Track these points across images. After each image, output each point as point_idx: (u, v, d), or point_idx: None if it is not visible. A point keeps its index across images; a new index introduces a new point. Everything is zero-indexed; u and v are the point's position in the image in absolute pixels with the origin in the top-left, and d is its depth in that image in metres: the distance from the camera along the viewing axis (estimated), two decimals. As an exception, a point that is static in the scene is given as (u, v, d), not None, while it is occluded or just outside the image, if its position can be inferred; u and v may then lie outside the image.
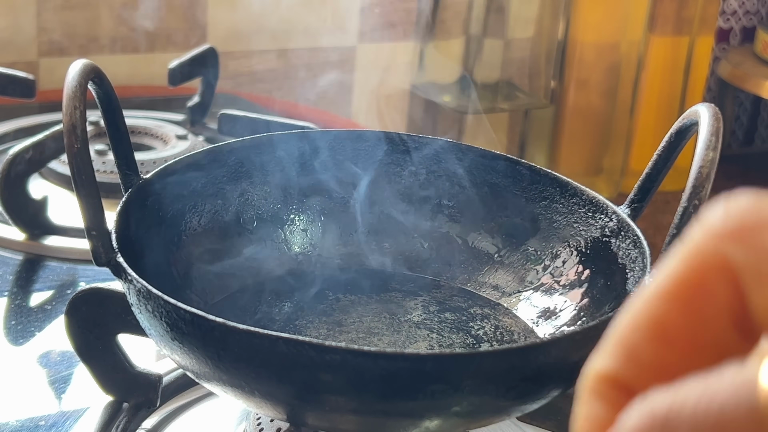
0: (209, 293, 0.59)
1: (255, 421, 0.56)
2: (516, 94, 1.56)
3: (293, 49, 1.34)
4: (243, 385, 0.46)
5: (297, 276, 0.62)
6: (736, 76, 1.73)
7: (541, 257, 0.61)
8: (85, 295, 0.57)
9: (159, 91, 1.17)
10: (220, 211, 0.61)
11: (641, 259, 0.53)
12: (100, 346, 0.57)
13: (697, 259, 0.22)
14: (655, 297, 0.22)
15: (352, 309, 0.60)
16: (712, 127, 0.50)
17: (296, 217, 0.64)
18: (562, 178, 0.61)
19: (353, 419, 0.47)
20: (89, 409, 0.60)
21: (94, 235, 0.50)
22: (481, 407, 0.47)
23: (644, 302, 0.23)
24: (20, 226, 0.80)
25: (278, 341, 0.43)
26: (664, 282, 0.22)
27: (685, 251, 0.22)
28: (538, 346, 0.47)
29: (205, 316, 0.44)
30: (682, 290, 0.22)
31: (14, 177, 0.79)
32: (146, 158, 0.93)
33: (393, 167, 0.65)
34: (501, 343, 0.58)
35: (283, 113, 1.08)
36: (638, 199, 0.57)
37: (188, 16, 1.27)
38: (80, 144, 0.49)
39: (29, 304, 0.73)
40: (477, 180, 0.64)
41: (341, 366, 0.43)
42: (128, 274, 0.48)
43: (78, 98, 0.49)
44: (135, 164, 0.57)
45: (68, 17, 1.20)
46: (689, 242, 0.22)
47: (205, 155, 0.61)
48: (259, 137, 0.63)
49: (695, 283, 0.22)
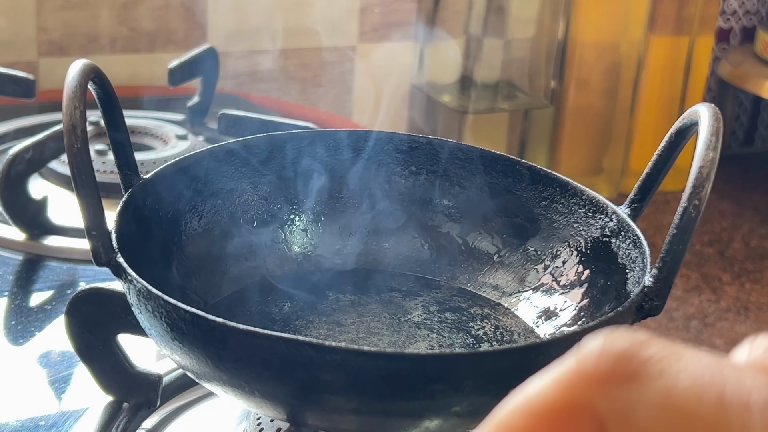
0: (209, 293, 0.59)
1: (255, 421, 0.56)
2: (516, 94, 1.56)
3: (293, 49, 1.34)
4: (243, 385, 0.46)
5: (297, 276, 0.62)
6: (736, 76, 1.73)
7: (541, 257, 0.61)
8: (85, 295, 0.57)
9: (159, 91, 1.17)
10: (220, 211, 0.61)
11: (641, 259, 0.53)
12: (100, 346, 0.57)
13: (567, 393, 0.22)
14: (525, 412, 0.22)
15: (352, 309, 0.60)
16: (712, 127, 0.50)
17: (296, 217, 0.64)
18: (562, 178, 0.61)
19: (353, 419, 0.47)
20: (89, 409, 0.60)
21: (94, 235, 0.50)
22: (481, 407, 0.47)
23: (514, 412, 0.22)
24: (20, 226, 0.80)
25: (278, 341, 0.43)
26: (535, 400, 0.22)
27: (558, 378, 0.22)
28: (538, 346, 0.47)
29: (205, 316, 0.44)
30: (552, 416, 0.22)
31: (14, 177, 0.79)
32: (146, 158, 0.93)
33: (393, 167, 0.65)
34: (501, 343, 0.58)
35: (283, 113, 1.08)
36: (638, 199, 0.57)
37: (188, 16, 1.27)
38: (80, 144, 0.49)
39: (29, 304, 0.73)
40: (477, 180, 0.64)
41: (341, 366, 0.43)
42: (128, 274, 0.48)
43: (78, 98, 0.49)
44: (135, 164, 0.57)
45: (68, 17, 1.20)
46: (564, 371, 0.22)
47: (205, 155, 0.61)
48: (259, 137, 0.63)
49: (564, 416, 0.22)
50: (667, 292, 0.49)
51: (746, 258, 2.20)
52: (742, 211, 2.37)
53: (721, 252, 2.22)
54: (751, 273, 2.15)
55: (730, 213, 2.37)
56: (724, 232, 2.30)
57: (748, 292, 2.08)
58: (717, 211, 2.35)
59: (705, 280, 2.12)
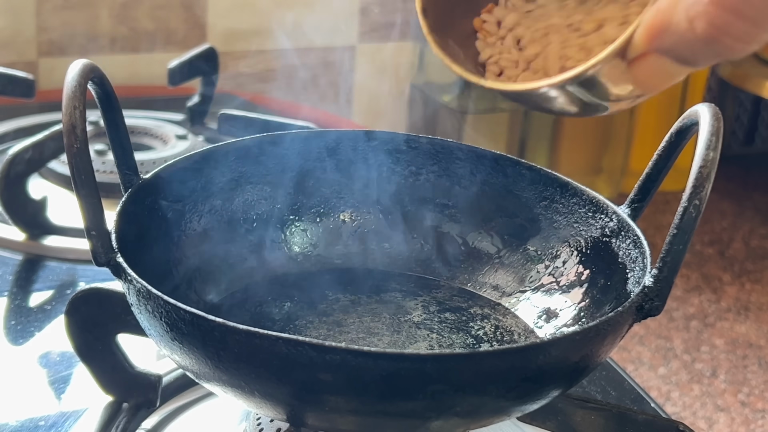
0: (209, 293, 0.59)
1: (255, 421, 0.56)
2: (516, 94, 1.56)
3: (293, 49, 1.34)
4: (243, 385, 0.46)
5: (297, 276, 0.62)
6: (736, 76, 1.73)
7: (541, 257, 0.61)
8: (85, 295, 0.57)
9: (159, 91, 1.17)
10: (220, 211, 0.61)
11: (641, 259, 0.53)
12: (100, 346, 0.57)
13: None
14: None
15: (352, 309, 0.60)
16: (713, 127, 0.50)
17: (296, 217, 0.64)
18: (562, 178, 0.61)
19: (353, 419, 0.47)
20: (89, 409, 0.60)
21: (94, 235, 0.50)
22: (481, 407, 0.47)
23: None
24: (20, 226, 0.80)
25: (278, 341, 0.43)
26: None
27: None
28: (538, 346, 0.47)
29: (205, 316, 0.44)
30: None
31: (14, 177, 0.79)
32: (146, 158, 0.93)
33: (393, 167, 0.65)
34: (501, 343, 0.58)
35: (283, 113, 1.08)
36: (638, 199, 0.57)
37: (188, 16, 1.27)
38: (80, 144, 0.49)
39: (29, 304, 0.73)
40: (477, 180, 0.64)
41: (341, 366, 0.43)
42: (128, 274, 0.48)
43: (78, 98, 0.49)
44: (135, 164, 0.57)
45: (68, 17, 1.20)
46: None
47: (205, 155, 0.61)
48: (259, 137, 0.63)
49: None
50: (667, 292, 0.49)
51: (746, 258, 2.20)
52: (743, 211, 2.37)
53: (722, 252, 2.22)
54: (752, 273, 2.15)
55: (730, 213, 2.37)
56: (724, 232, 2.30)
57: (748, 292, 2.08)
58: (717, 211, 2.35)
59: (705, 280, 2.11)
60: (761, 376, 1.81)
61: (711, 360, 1.85)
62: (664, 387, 1.76)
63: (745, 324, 1.97)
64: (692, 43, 0.37)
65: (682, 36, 0.37)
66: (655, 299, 0.49)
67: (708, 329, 1.95)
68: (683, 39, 0.37)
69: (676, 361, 1.84)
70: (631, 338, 1.88)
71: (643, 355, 1.85)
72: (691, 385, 1.77)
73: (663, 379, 1.79)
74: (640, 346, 1.87)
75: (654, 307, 0.50)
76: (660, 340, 1.90)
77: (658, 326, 1.94)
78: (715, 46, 0.37)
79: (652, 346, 1.88)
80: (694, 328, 1.95)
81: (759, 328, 1.96)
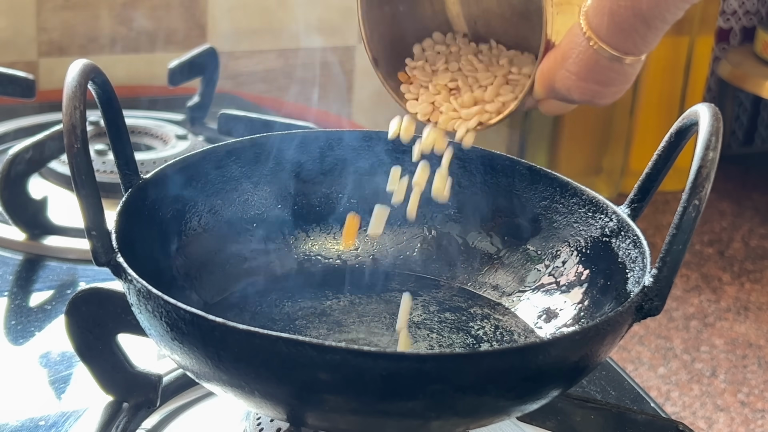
0: (209, 293, 0.59)
1: (255, 421, 0.56)
2: (516, 94, 1.56)
3: (293, 49, 1.34)
4: (243, 385, 0.46)
5: (297, 276, 0.62)
6: (736, 76, 1.73)
7: (541, 257, 0.61)
8: (85, 295, 0.57)
9: (159, 91, 1.17)
10: (220, 211, 0.61)
11: (641, 259, 0.53)
12: (100, 346, 0.57)
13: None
14: None
15: (352, 309, 0.60)
16: (712, 127, 0.50)
17: (296, 217, 0.64)
18: (562, 178, 0.61)
19: (353, 419, 0.47)
20: (89, 409, 0.60)
21: (94, 235, 0.50)
22: (480, 407, 0.47)
23: None
24: (20, 226, 0.80)
25: (278, 341, 0.43)
26: None
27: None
28: (538, 346, 0.47)
29: (205, 316, 0.44)
30: None
31: (14, 177, 0.79)
32: (146, 158, 0.93)
33: (393, 167, 0.65)
34: (501, 343, 0.58)
35: (283, 113, 1.08)
36: (638, 199, 0.57)
37: (188, 16, 1.27)
38: (80, 144, 0.49)
39: (29, 304, 0.73)
40: (477, 180, 0.64)
41: (341, 366, 0.43)
42: (128, 274, 0.48)
43: (78, 98, 0.49)
44: (135, 164, 0.57)
45: (68, 17, 1.21)
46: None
47: (204, 155, 0.61)
48: (259, 137, 0.63)
49: None
50: (667, 292, 0.49)
51: (746, 258, 2.20)
52: (742, 211, 2.37)
53: (721, 252, 2.22)
54: (751, 273, 2.15)
55: (730, 213, 2.37)
56: (724, 232, 2.30)
57: (748, 292, 2.08)
58: (717, 211, 2.35)
59: (705, 280, 2.12)
60: (761, 376, 1.81)
61: (711, 360, 1.85)
62: (663, 387, 1.76)
63: (744, 324, 1.97)
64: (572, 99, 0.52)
65: (565, 97, 0.51)
66: (654, 299, 0.49)
67: (708, 329, 1.95)
68: (566, 98, 0.51)
69: (676, 361, 1.84)
70: (631, 338, 1.88)
71: (643, 355, 1.85)
72: (690, 385, 1.77)
73: (663, 378, 1.79)
74: (640, 346, 1.87)
75: (654, 307, 0.50)
76: (660, 340, 1.90)
77: (658, 326, 1.94)
78: (589, 101, 0.51)
79: (651, 346, 1.88)
80: (694, 328, 1.95)
81: (758, 328, 1.96)
